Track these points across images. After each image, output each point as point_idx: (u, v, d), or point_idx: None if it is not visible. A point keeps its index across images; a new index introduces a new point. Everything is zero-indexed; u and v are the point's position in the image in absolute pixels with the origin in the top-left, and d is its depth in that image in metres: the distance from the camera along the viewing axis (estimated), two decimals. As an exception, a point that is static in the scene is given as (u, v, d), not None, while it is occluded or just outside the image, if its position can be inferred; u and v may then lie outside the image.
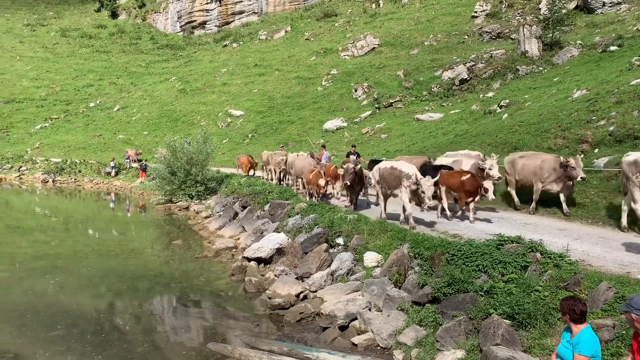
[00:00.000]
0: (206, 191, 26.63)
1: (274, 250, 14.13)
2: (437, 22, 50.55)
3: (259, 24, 75.00)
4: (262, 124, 44.12)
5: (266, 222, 17.47)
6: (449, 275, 8.66)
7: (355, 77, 45.51)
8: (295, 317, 10.38)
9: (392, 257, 10.63)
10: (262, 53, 62.00)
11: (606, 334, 6.46)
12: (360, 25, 58.87)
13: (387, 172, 13.09)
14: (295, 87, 49.02)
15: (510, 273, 8.24)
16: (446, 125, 29.63)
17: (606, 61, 28.27)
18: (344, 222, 13.71)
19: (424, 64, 42.84)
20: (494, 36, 43.12)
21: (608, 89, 20.30)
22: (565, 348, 5.01)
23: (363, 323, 9.24)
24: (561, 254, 8.42)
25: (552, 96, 25.13)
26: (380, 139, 32.78)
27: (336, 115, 40.33)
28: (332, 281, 11.60)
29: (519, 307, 7.31)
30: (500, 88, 33.02)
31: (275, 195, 19.40)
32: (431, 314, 8.42)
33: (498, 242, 9.21)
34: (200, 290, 13.02)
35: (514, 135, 19.43)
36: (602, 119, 17.02)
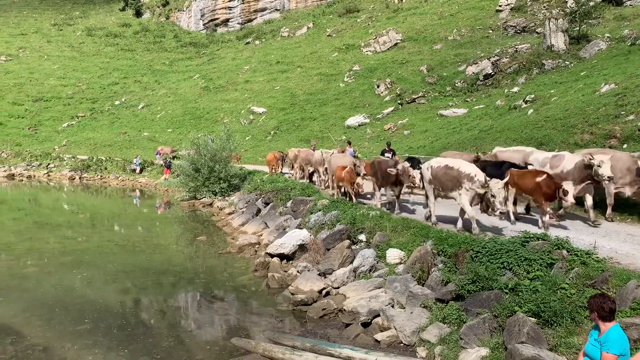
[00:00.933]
0: (229, 188, 26.83)
1: (296, 246, 14.17)
2: (461, 17, 50.00)
3: (281, 20, 75.19)
4: (285, 121, 44.24)
5: (289, 219, 17.52)
6: (473, 273, 8.57)
7: (377, 73, 45.29)
8: (317, 313, 10.39)
9: (415, 254, 10.56)
10: (284, 50, 62.15)
11: (635, 333, 6.32)
12: (382, 20, 58.55)
13: (442, 171, 11.65)
14: (317, 84, 49.02)
15: (535, 270, 8.12)
16: (470, 121, 29.32)
17: (635, 54, 27.63)
18: (366, 218, 13.66)
19: (447, 59, 42.42)
20: (519, 30, 42.46)
21: (637, 83, 19.84)
22: (593, 346, 4.94)
23: (386, 320, 9.21)
24: (588, 252, 8.26)
25: (578, 91, 24.66)
26: (403, 135, 32.59)
27: (358, 112, 40.23)
28: (354, 278, 11.58)
29: (545, 305, 7.20)
30: (526, 83, 32.53)
31: (298, 192, 19.44)
32: (455, 312, 8.35)
33: (523, 239, 9.08)
34: (223, 286, 13.12)
35: (540, 130, 19.14)
36: (631, 114, 16.66)
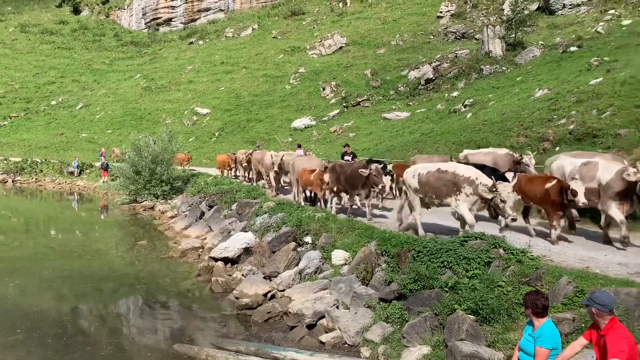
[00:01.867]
0: (172, 190, 26.24)
1: (241, 249, 14.01)
2: (403, 22, 51.07)
3: (226, 21, 74.30)
4: (230, 122, 43.77)
5: (233, 222, 17.31)
6: (414, 272, 8.75)
7: (323, 76, 45.59)
8: (262, 316, 10.34)
9: (360, 254, 10.68)
10: (229, 50, 61.48)
11: (566, 327, 6.63)
12: (327, 24, 58.98)
13: (434, 177, 10.56)
14: (262, 85, 48.79)
15: (474, 269, 8.37)
16: (412, 124, 29.98)
17: (567, 61, 29.09)
18: (312, 220, 13.69)
19: (390, 64, 43.22)
20: (458, 36, 43.81)
21: (568, 89, 20.90)
22: (528, 341, 5.13)
23: (331, 321, 9.26)
24: (523, 250, 8.61)
25: (514, 95, 25.70)
26: (349, 137, 32.91)
27: (304, 114, 40.34)
28: (300, 280, 11.58)
29: (483, 302, 7.44)
30: (465, 87, 33.59)
31: (243, 194, 19.25)
32: (398, 311, 8.50)
33: (462, 239, 9.35)
34: (166, 291, 12.82)
35: (478, 134, 19.81)
36: (563, 118, 17.52)
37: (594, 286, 7.01)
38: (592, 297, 4.80)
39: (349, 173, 13.40)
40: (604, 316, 4.70)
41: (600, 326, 4.74)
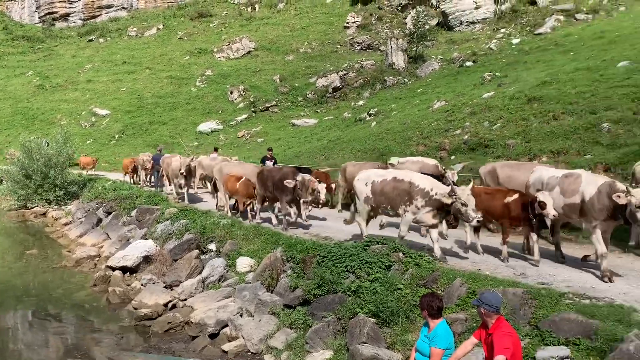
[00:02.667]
0: (66, 196, 24.67)
1: (140, 258, 13.48)
2: (312, 30, 51.76)
3: (129, 19, 71.18)
4: (131, 124, 41.92)
5: (133, 229, 16.61)
6: (319, 277, 8.84)
7: (230, 80, 45.02)
8: (162, 327, 10.00)
9: (265, 261, 10.64)
10: (132, 50, 58.97)
11: (459, 327, 7.00)
12: (235, 27, 58.40)
13: (389, 185, 9.78)
14: (167, 87, 47.27)
15: (375, 273, 8.61)
16: (320, 131, 30.42)
17: (463, 75, 30.94)
18: (217, 227, 13.44)
19: (299, 71, 43.60)
20: (364, 47, 45.12)
21: (463, 101, 22.21)
22: (423, 342, 5.33)
23: (234, 329, 9.12)
24: (421, 253, 8.99)
25: (415, 106, 26.90)
26: (257, 142, 32.75)
27: (211, 118, 39.59)
28: (203, 288, 11.33)
29: (383, 305, 7.66)
30: (370, 97, 34.64)
31: (144, 200, 18.50)
32: (302, 316, 8.54)
33: (365, 243, 9.59)
34: (58, 303, 12.08)
35: (382, 142, 20.49)
36: (458, 129, 18.57)
37: (484, 287, 7.45)
38: (481, 298, 5.09)
39: (276, 180, 12.60)
40: (492, 316, 4.99)
41: (489, 325, 5.02)
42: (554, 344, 6.24)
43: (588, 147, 13.82)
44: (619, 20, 30.78)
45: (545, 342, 6.34)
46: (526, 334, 6.57)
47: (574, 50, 26.65)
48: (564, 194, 8.74)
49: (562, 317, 6.50)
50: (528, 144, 15.27)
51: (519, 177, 10.88)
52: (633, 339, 5.68)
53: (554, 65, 24.33)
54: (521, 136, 15.86)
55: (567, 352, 6.05)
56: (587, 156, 13.35)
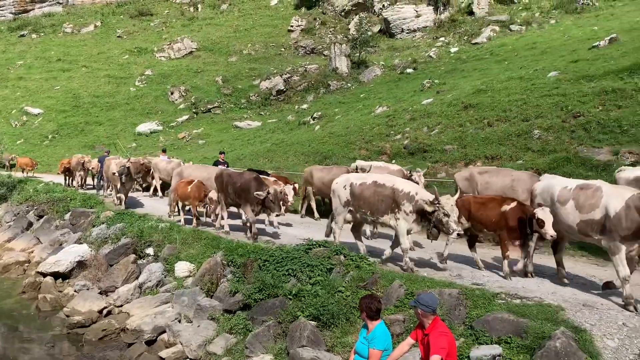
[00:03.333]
0: (-7, 198, 23.28)
1: (74, 263, 12.96)
2: (255, 33, 51.45)
3: (64, 15, 68.21)
4: (66, 124, 40.18)
5: (66, 233, 15.96)
6: (260, 281, 8.78)
7: (171, 80, 44.03)
8: (97, 334, 9.68)
9: (205, 265, 10.46)
10: (67, 47, 56.57)
11: (397, 328, 7.13)
12: (177, 27, 57.20)
13: (369, 190, 9.31)
14: (105, 86, 45.65)
15: (317, 276, 8.64)
16: (264, 134, 30.26)
17: (404, 81, 31.64)
18: (155, 231, 13.13)
19: (242, 72, 43.21)
20: (308, 51, 45.31)
21: (404, 107, 22.70)
22: (362, 344, 5.38)
23: (172, 335, 8.91)
24: (361, 256, 9.09)
25: (358, 111, 27.25)
26: (198, 144, 32.18)
27: (150, 118, 38.54)
28: (140, 294, 11.02)
29: (324, 308, 7.69)
30: (314, 101, 34.81)
31: (78, 203, 17.78)
32: (242, 321, 8.45)
33: (307, 247, 9.60)
34: (-18, 312, 11.35)
35: (325, 145, 20.62)
36: (399, 134, 18.97)
37: (422, 288, 7.62)
38: (418, 299, 5.20)
39: (239, 185, 11.78)
40: (428, 316, 5.11)
41: (425, 326, 5.14)
42: (487, 343, 6.46)
43: (520, 153, 14.44)
44: (550, 32, 32.41)
45: (479, 341, 6.56)
46: (461, 334, 6.77)
47: (508, 59, 27.83)
48: (580, 209, 7.57)
49: (495, 316, 6.74)
50: (464, 149, 15.80)
51: (497, 182, 10.58)
52: (559, 336, 5.97)
53: (489, 73, 25.32)
54: (458, 142, 16.39)
55: (499, 350, 6.28)
56: (519, 161, 13.95)
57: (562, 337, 5.93)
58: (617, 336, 6.20)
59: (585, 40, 25.64)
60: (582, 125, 14.20)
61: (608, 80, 16.38)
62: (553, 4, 38.33)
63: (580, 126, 14.20)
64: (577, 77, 17.76)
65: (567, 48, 25.05)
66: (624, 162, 11.96)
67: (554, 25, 34.22)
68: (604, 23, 29.61)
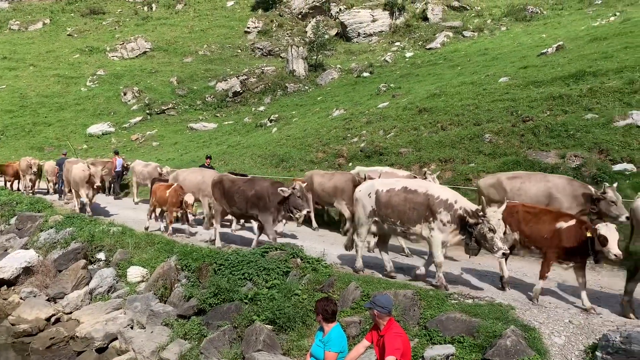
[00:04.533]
0: None
1: (20, 269, 12.45)
2: (211, 33, 50.89)
3: (11, 12, 65.62)
4: (12, 125, 38.58)
5: (12, 238, 15.33)
6: (215, 286, 8.66)
7: (124, 80, 42.98)
8: (44, 343, 9.35)
9: (158, 270, 10.26)
10: (14, 45, 54.38)
11: (354, 330, 7.16)
12: (130, 26, 55.94)
13: (398, 197, 8.34)
14: (54, 86, 44.12)
15: (273, 279, 8.59)
16: (220, 136, 29.92)
17: (360, 85, 31.95)
18: (106, 235, 12.77)
19: (197, 73, 42.62)
20: (265, 53, 45.16)
21: (361, 110, 22.92)
22: (318, 347, 5.38)
23: (124, 342, 8.69)
24: (318, 259, 9.10)
25: (315, 114, 27.33)
26: (152, 146, 31.50)
27: (102, 120, 37.47)
28: (90, 300, 10.70)
29: (280, 311, 7.66)
30: (271, 103, 34.69)
31: (25, 207, 17.09)
32: (196, 326, 8.32)
33: (264, 250, 9.53)
34: None
35: (282, 148, 20.56)
36: (356, 137, 19.12)
37: (378, 290, 7.69)
38: (374, 300, 5.24)
39: (255, 193, 10.35)
40: (384, 317, 5.16)
41: (380, 327, 5.19)
42: (441, 343, 6.58)
43: (472, 156, 14.80)
44: (501, 39, 33.44)
45: (433, 341, 6.67)
46: (415, 334, 6.87)
47: (461, 65, 28.53)
48: None
49: (448, 316, 6.88)
50: (419, 152, 16.07)
51: (531, 189, 9.57)
52: (510, 334, 6.14)
53: (443, 78, 25.88)
54: (412, 145, 16.66)
55: (452, 350, 6.41)
56: (471, 164, 14.30)
57: (512, 336, 6.10)
58: (563, 333, 6.43)
59: (534, 47, 26.57)
60: (531, 129, 14.66)
61: (555, 86, 17.02)
62: (504, 11, 39.58)
63: (529, 130, 14.66)
64: (527, 82, 18.38)
65: (517, 54, 25.88)
66: (570, 165, 12.46)
67: (505, 32, 35.33)
68: (552, 31, 30.78)
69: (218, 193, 11.14)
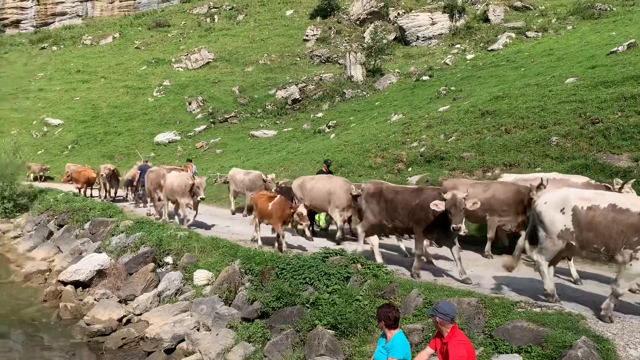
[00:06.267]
0: (15, 208, 23.73)
1: (94, 272, 13.09)
2: (271, 43, 51.85)
3: (84, 27, 69.55)
4: (85, 135, 40.84)
5: (86, 242, 16.16)
6: (277, 289, 8.80)
7: (189, 90, 44.53)
8: (116, 343, 9.76)
9: (223, 274, 10.52)
10: (87, 59, 57.59)
11: (416, 337, 7.09)
12: (194, 38, 57.90)
13: (605, 216, 6.65)
14: (123, 97, 46.34)
15: (334, 284, 8.64)
16: (279, 142, 30.43)
17: (419, 89, 31.60)
18: (173, 239, 13.22)
19: (258, 82, 43.55)
20: (323, 60, 45.52)
21: (420, 114, 22.66)
22: (381, 353, 5.39)
23: (191, 344, 8.96)
24: (379, 265, 9.07)
25: (373, 119, 27.27)
26: (215, 154, 32.47)
27: (169, 128, 38.99)
28: (159, 303, 11.10)
29: (342, 316, 7.69)
30: (329, 109, 34.92)
31: (98, 213, 18.02)
32: (260, 330, 8.47)
33: (324, 255, 9.60)
34: (6, 320, 11.66)
35: (340, 154, 20.64)
36: (415, 141, 18.92)
37: (441, 297, 7.58)
38: (437, 308, 5.20)
39: (419, 203, 8.84)
40: (447, 325, 5.10)
41: (444, 334, 5.13)
42: (507, 352, 6.40)
43: (538, 160, 14.30)
44: (567, 38, 32.15)
45: (498, 350, 6.50)
46: (480, 343, 6.72)
47: (525, 66, 27.64)
48: None
49: (515, 325, 6.68)
50: (482, 156, 15.70)
51: None
52: (581, 345, 5.89)
53: (506, 80, 25.17)
54: (475, 149, 16.29)
55: (519, 359, 6.22)
56: (537, 169, 13.82)
57: (584, 347, 5.85)
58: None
59: (603, 45, 25.37)
60: (600, 131, 14.01)
61: (627, 85, 16.18)
62: (570, 10, 38.00)
63: (599, 132, 14.02)
64: (595, 83, 17.56)
65: (585, 54, 24.80)
66: (645, 169, 11.82)
67: (571, 31, 33.93)
68: (622, 29, 29.28)
69: (375, 205, 9.71)
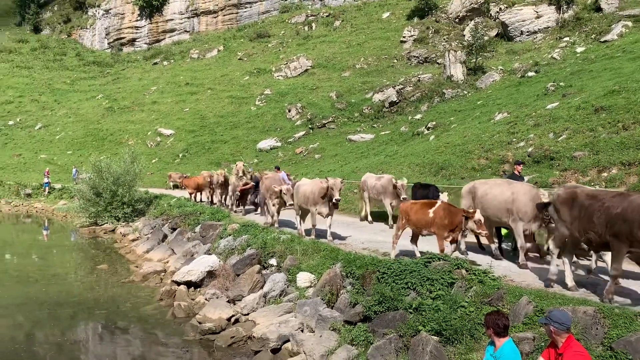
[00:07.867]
0: (133, 213, 25.73)
1: (204, 273, 13.78)
2: (368, 46, 51.99)
3: (191, 42, 74.15)
4: (194, 143, 43.44)
5: (197, 244, 17.07)
6: (379, 294, 8.76)
7: (288, 98, 45.86)
8: (226, 341, 10.15)
9: (325, 276, 10.65)
10: (194, 72, 61.28)
11: (527, 347, 6.73)
12: (293, 46, 59.54)
13: None
14: (228, 107, 48.72)
15: (437, 290, 8.44)
16: (377, 146, 30.36)
17: (525, 86, 30.08)
18: (277, 242, 13.60)
19: (355, 86, 43.83)
20: (421, 61, 44.83)
21: (527, 113, 21.56)
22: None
23: (295, 345, 9.15)
24: (485, 270, 8.73)
25: (475, 119, 26.35)
26: (314, 159, 33.07)
27: (270, 135, 40.40)
28: (264, 303, 11.44)
29: (446, 323, 7.49)
30: (428, 110, 34.28)
31: (207, 217, 19.03)
32: (362, 333, 8.47)
33: (426, 260, 9.42)
34: (126, 317, 12.47)
35: (441, 155, 20.18)
36: (522, 141, 18.03)
37: (553, 305, 7.14)
38: (550, 316, 4.91)
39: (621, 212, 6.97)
40: (562, 334, 4.81)
41: (558, 344, 4.84)
42: (631, 367, 5.91)
43: (662, 158, 13.07)
44: (694, 23, 29.12)
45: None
46: (599, 355, 6.24)
47: (644, 56, 25.40)
48: None
49: (638, 337, 6.14)
50: (597, 155, 14.62)
51: None
52: None
53: (622, 73, 23.23)
54: (589, 147, 15.21)
55: (645, 375, 5.71)
56: (662, 167, 12.63)
57: None
58: None
59: None
60: None
61: None
62: (697, -10, 34.42)
63: None
64: None
65: None
66: None
67: (700, 15, 30.67)
68: None
69: (567, 213, 7.89)
